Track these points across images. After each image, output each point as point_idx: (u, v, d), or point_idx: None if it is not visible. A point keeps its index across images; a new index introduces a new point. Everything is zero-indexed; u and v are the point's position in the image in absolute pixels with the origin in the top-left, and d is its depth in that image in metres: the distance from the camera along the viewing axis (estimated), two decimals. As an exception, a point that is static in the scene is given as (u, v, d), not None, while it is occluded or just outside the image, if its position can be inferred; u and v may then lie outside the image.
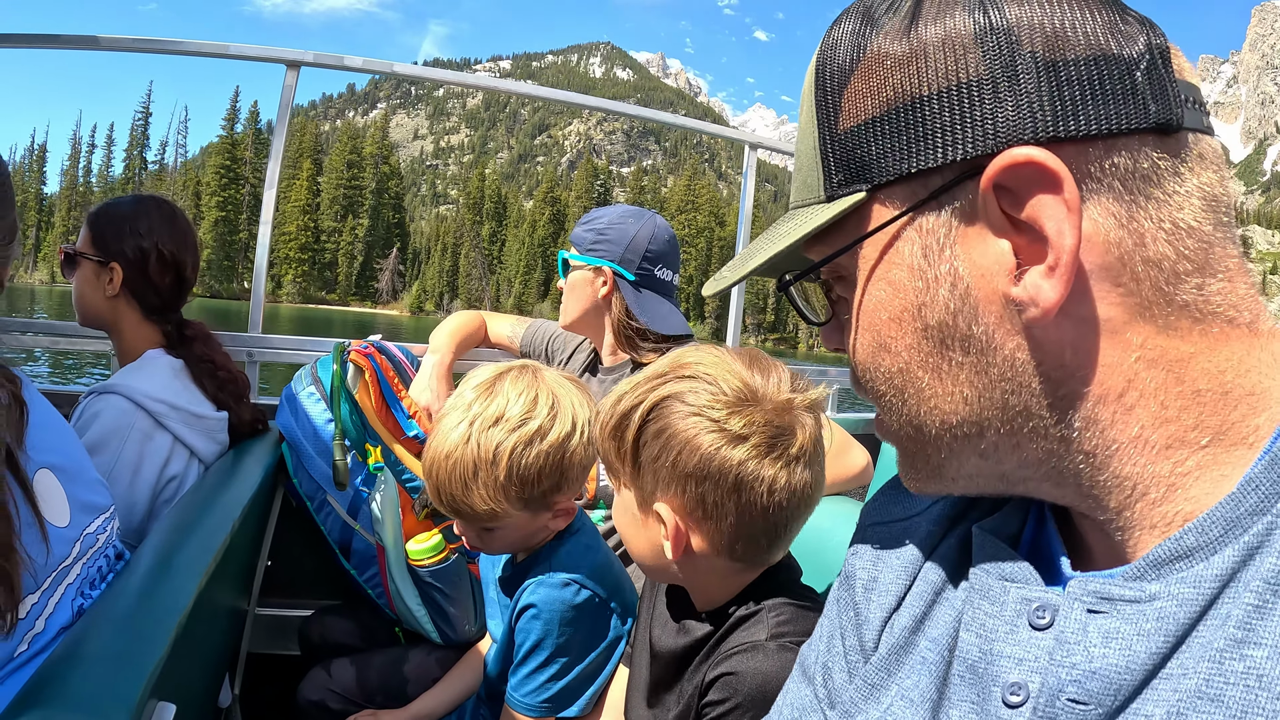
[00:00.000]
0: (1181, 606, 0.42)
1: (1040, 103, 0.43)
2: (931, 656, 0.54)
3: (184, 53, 2.08)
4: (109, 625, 0.89)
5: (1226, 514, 0.42)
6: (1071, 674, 0.43)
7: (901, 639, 0.57)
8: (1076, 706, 0.43)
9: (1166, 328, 0.44)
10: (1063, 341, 0.45)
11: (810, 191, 0.52)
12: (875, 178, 0.48)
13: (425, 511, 1.75)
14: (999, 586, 0.50)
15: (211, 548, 1.17)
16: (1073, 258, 0.42)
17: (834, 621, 0.68)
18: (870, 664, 0.59)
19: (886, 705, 0.56)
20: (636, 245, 1.84)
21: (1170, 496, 0.45)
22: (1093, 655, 0.43)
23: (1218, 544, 0.42)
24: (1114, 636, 0.43)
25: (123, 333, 1.67)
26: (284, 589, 2.09)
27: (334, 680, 1.68)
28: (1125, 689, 0.42)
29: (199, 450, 1.61)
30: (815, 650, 0.70)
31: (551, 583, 1.24)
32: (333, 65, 2.22)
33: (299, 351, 2.20)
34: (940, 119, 0.45)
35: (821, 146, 0.50)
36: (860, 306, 0.51)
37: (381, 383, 1.84)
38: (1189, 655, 0.41)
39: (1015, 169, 0.43)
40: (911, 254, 0.47)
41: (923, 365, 0.49)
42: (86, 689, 0.76)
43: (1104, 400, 0.45)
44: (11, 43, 1.98)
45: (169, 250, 1.63)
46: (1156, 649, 0.42)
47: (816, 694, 0.67)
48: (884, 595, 0.61)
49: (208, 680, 1.42)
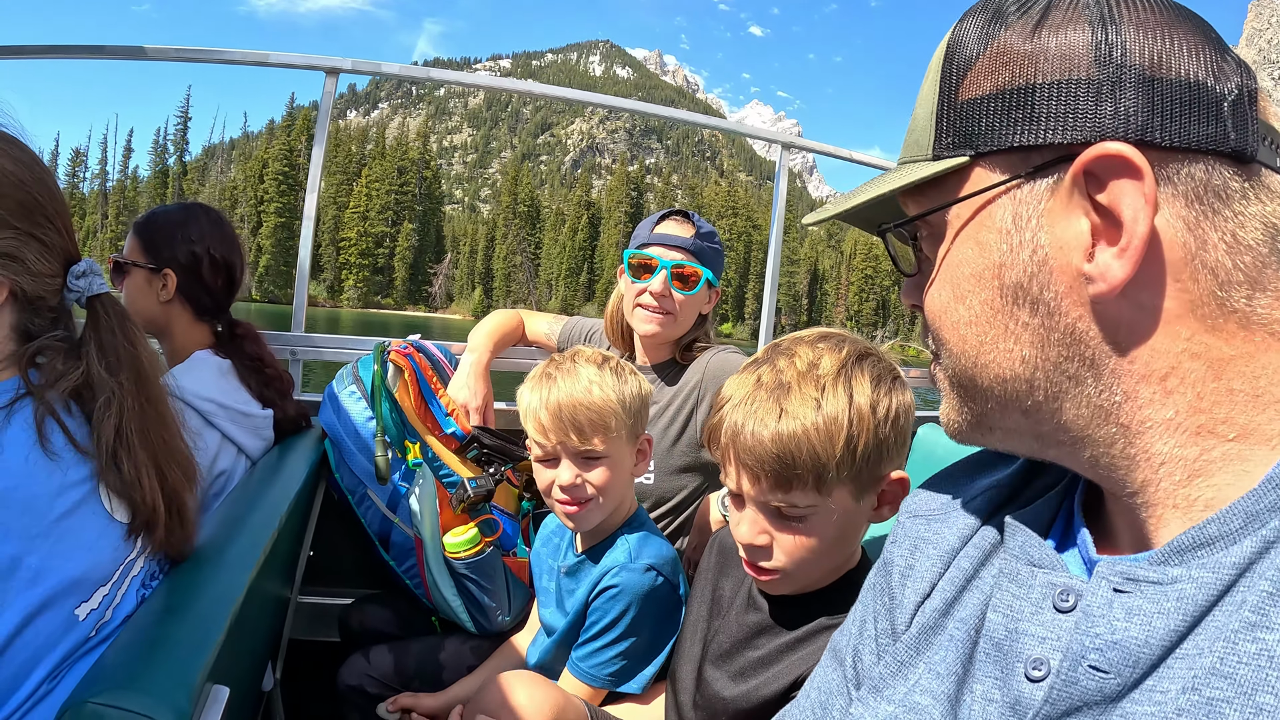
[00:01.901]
0: (1200, 589, 0.45)
1: (1136, 109, 0.48)
2: (959, 635, 0.59)
3: (226, 61, 2.14)
4: (169, 614, 0.95)
5: (1248, 507, 0.46)
6: (1095, 643, 0.48)
7: (932, 621, 0.62)
8: (1097, 674, 0.47)
9: (1214, 328, 0.48)
10: (1120, 320, 0.50)
11: (919, 150, 0.57)
12: (981, 146, 0.53)
13: (462, 505, 1.81)
14: (1027, 571, 0.55)
15: (261, 541, 1.23)
16: (1143, 244, 0.47)
17: (867, 607, 0.72)
18: (900, 643, 0.63)
19: (914, 681, 0.60)
20: (724, 256, 1.92)
21: (1193, 480, 0.49)
22: (1115, 628, 0.47)
23: (1238, 534, 0.45)
24: (1136, 613, 0.47)
25: (174, 335, 1.74)
26: (325, 578, 2.16)
27: (372, 666, 1.74)
28: (1144, 662, 0.46)
29: (246, 447, 1.68)
30: (847, 635, 0.74)
31: (634, 568, 1.37)
32: (370, 72, 2.28)
33: (340, 350, 2.27)
34: (1049, 106, 0.50)
35: (938, 112, 0.56)
36: (945, 259, 0.57)
37: (420, 381, 1.90)
38: (1204, 636, 0.44)
39: (1106, 159, 0.48)
40: (1002, 219, 0.53)
41: (991, 321, 0.54)
42: (150, 673, 0.81)
43: (1147, 380, 0.49)
44: (60, 53, 2.06)
45: (220, 254, 1.71)
46: (1175, 627, 0.45)
47: (845, 675, 0.71)
48: (918, 581, 0.65)
49: (254, 665, 1.48)
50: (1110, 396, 0.51)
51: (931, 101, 0.57)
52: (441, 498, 1.84)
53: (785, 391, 1.01)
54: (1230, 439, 0.48)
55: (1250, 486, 0.47)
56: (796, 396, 1.00)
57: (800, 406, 0.99)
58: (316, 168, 2.19)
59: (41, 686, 0.87)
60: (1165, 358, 0.49)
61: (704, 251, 1.86)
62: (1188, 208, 0.48)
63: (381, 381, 1.84)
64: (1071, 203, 0.50)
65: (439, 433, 1.87)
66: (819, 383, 1.01)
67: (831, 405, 0.99)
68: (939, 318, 0.58)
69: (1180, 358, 0.49)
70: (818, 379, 1.01)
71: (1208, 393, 0.48)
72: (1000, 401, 0.56)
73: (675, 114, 2.88)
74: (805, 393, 1.00)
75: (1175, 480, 0.49)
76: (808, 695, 0.76)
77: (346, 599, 2.06)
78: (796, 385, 1.01)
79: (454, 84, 2.66)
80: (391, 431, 1.83)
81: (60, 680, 0.89)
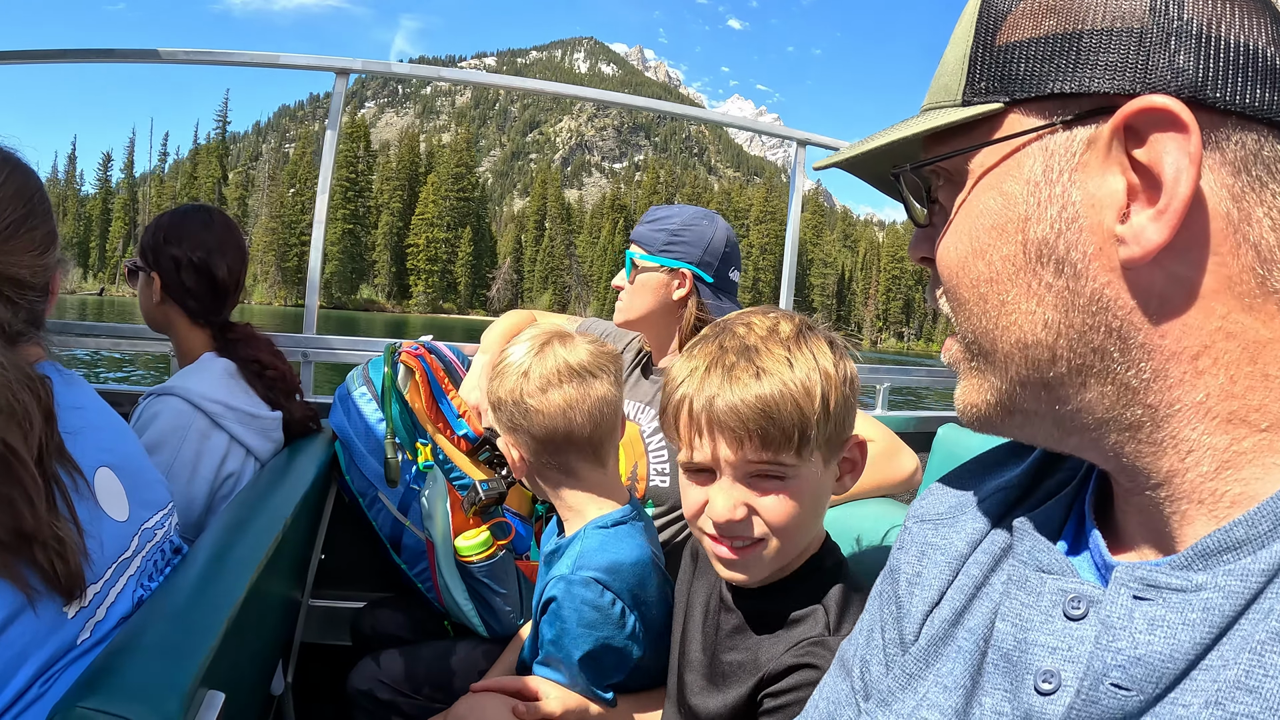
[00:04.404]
0: (1227, 599, 0.42)
1: (1189, 65, 0.44)
2: (967, 646, 0.56)
3: (237, 63, 2.15)
4: (164, 617, 0.94)
5: (1277, 509, 0.43)
6: (1117, 659, 0.45)
7: (941, 631, 0.59)
8: (1119, 692, 0.44)
9: (1251, 308, 0.45)
10: (1152, 289, 0.46)
11: (947, 95, 0.54)
12: (1017, 92, 0.50)
13: (474, 509, 1.78)
14: (1036, 578, 0.53)
15: (264, 544, 1.21)
16: (1183, 206, 0.44)
17: (875, 616, 0.69)
18: (909, 655, 0.60)
19: (922, 694, 0.57)
20: (714, 248, 1.84)
21: (1222, 473, 0.46)
22: (1138, 642, 0.44)
23: (1266, 538, 0.43)
24: (1159, 624, 0.44)
25: (179, 337, 1.75)
26: (337, 581, 2.15)
27: (383, 671, 1.72)
28: (1168, 677, 0.43)
29: (254, 448, 1.67)
30: (855, 645, 0.71)
31: (574, 580, 1.22)
32: (381, 72, 2.27)
33: (352, 352, 2.26)
34: (1093, 54, 0.47)
35: (972, 55, 0.52)
36: (963, 209, 0.53)
37: (431, 383, 1.88)
38: (1229, 647, 0.42)
39: (1152, 112, 0.44)
40: (1032, 169, 0.49)
41: (1013, 278, 0.50)
42: (141, 678, 0.80)
43: (1178, 358, 0.46)
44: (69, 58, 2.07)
45: (198, 257, 1.69)
46: (1200, 639, 0.43)
47: (853, 686, 0.69)
48: (926, 589, 0.63)
49: (260, 668, 1.47)
50: (1138, 374, 0.47)
51: (965, 44, 0.53)
52: (453, 500, 1.82)
53: (755, 353, 0.99)
54: (1263, 429, 0.45)
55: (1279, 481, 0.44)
56: (768, 357, 0.99)
57: (775, 364, 0.98)
58: (327, 170, 2.18)
59: (31, 688, 0.85)
60: (1198, 335, 0.45)
61: (649, 239, 1.86)
62: (1234, 177, 0.45)
63: (392, 383, 1.83)
64: (1109, 158, 0.46)
65: (450, 434, 1.85)
66: (784, 344, 1.00)
67: (801, 365, 0.99)
68: (955, 273, 0.54)
69: (1214, 336, 0.45)
70: (782, 340, 1.01)
71: (1241, 376, 0.45)
72: (1019, 372, 0.52)
73: (698, 113, 2.86)
74: (775, 353, 0.99)
75: (1202, 472, 0.46)
76: (815, 705, 0.73)
77: (358, 602, 2.05)
78: (764, 347, 1.00)
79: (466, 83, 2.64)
80: (402, 433, 1.81)
81: (52, 684, 0.87)
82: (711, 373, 1.00)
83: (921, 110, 0.58)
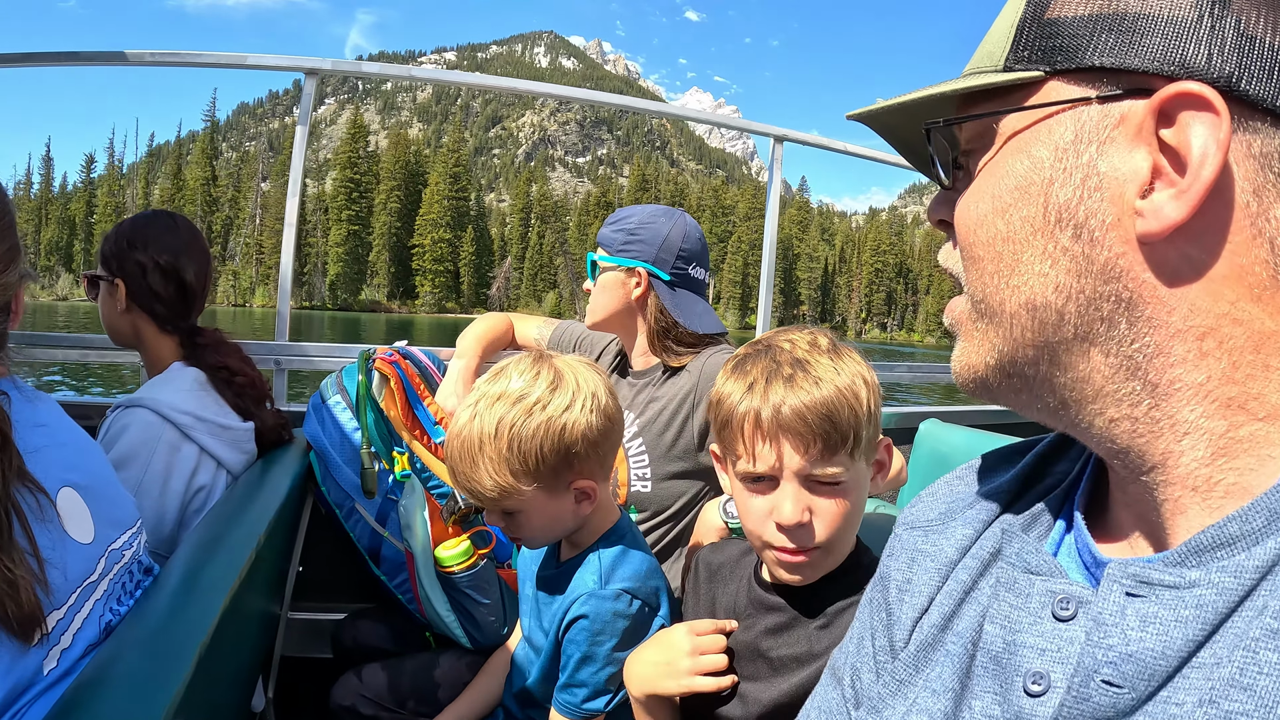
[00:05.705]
0: (1221, 595, 0.43)
1: (1231, 59, 0.46)
2: (956, 650, 0.56)
3: (205, 65, 2.11)
4: (135, 646, 0.91)
5: (1271, 504, 0.43)
6: (1108, 655, 0.45)
7: (930, 636, 0.59)
8: (1110, 689, 0.44)
9: (1260, 299, 0.46)
10: (1165, 266, 0.47)
11: (990, 60, 0.56)
12: (1059, 63, 0.51)
13: (453, 518, 1.76)
14: (1024, 580, 0.53)
15: (238, 562, 1.18)
16: (1205, 188, 0.45)
17: (865, 623, 0.70)
18: (898, 661, 0.61)
19: (912, 700, 0.58)
20: (670, 245, 1.82)
21: (1217, 459, 0.46)
22: (1129, 639, 0.44)
23: (1261, 534, 0.43)
24: (1151, 621, 0.44)
25: (147, 347, 1.71)
26: (317, 593, 2.12)
27: (365, 685, 1.69)
28: (1159, 675, 0.43)
29: (225, 460, 1.63)
30: (845, 653, 0.72)
31: (605, 595, 1.25)
32: (351, 72, 2.24)
33: (327, 359, 2.22)
34: (1136, 35, 0.48)
35: (1020, 24, 0.54)
36: (988, 169, 0.55)
37: (407, 389, 1.85)
38: (1222, 644, 0.42)
39: (1187, 97, 0.46)
40: (1062, 136, 0.50)
41: (1030, 239, 0.51)
42: (111, 714, 0.77)
43: (1183, 336, 0.47)
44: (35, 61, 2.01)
45: (165, 260, 1.65)
46: (1193, 636, 0.43)
47: (844, 695, 0.69)
48: (916, 596, 0.63)
49: (239, 687, 1.44)
50: (1142, 347, 0.48)
51: (1015, 14, 0.55)
52: (432, 510, 1.79)
53: (807, 364, 1.08)
54: (1260, 418, 0.45)
55: (1274, 473, 0.45)
56: (819, 367, 1.07)
57: (827, 373, 1.07)
58: (297, 172, 2.14)
59: None
60: (1205, 317, 0.46)
61: (609, 240, 1.86)
62: (1259, 172, 0.46)
63: (367, 390, 1.79)
64: (1139, 136, 0.47)
65: (427, 441, 1.82)
66: (827, 354, 1.09)
67: (845, 372, 1.08)
68: (973, 230, 0.55)
69: (1221, 320, 0.46)
70: (824, 352, 1.10)
71: (1244, 363, 0.46)
72: (1026, 335, 0.52)
73: (667, 109, 2.84)
74: (823, 363, 1.08)
75: (1198, 457, 0.47)
76: (807, 714, 0.74)
77: (339, 614, 2.01)
78: (812, 359, 1.08)
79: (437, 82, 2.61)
80: (378, 442, 1.78)
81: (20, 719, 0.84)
82: (773, 384, 1.07)
83: (964, 74, 0.59)
